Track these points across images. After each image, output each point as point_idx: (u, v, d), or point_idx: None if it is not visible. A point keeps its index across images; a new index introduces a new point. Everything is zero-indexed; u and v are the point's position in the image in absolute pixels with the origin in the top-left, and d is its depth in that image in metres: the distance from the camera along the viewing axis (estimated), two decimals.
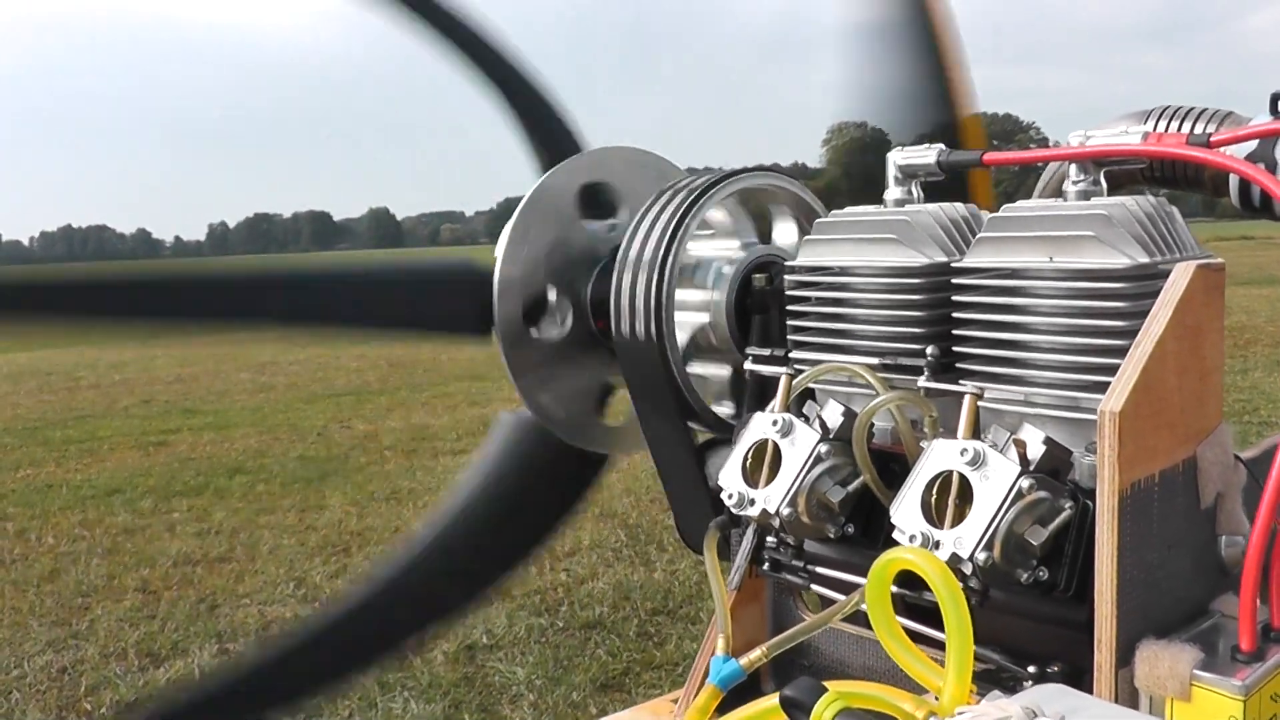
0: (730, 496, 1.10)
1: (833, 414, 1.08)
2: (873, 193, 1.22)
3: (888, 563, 0.79)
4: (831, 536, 1.09)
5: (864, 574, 0.93)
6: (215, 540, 5.74)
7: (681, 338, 1.33)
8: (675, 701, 1.28)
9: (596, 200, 1.45)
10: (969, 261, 1.04)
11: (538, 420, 1.43)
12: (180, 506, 6.52)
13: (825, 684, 0.72)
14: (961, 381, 1.00)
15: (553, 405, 1.44)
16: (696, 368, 1.37)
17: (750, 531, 1.17)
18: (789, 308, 1.20)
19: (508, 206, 1.49)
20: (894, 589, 0.83)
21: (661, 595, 4.52)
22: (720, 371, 1.38)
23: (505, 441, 1.51)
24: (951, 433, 0.97)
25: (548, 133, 1.55)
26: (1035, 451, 0.94)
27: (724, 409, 1.35)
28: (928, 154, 1.17)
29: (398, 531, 5.72)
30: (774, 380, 1.15)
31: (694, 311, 1.35)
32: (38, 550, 5.74)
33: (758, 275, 1.30)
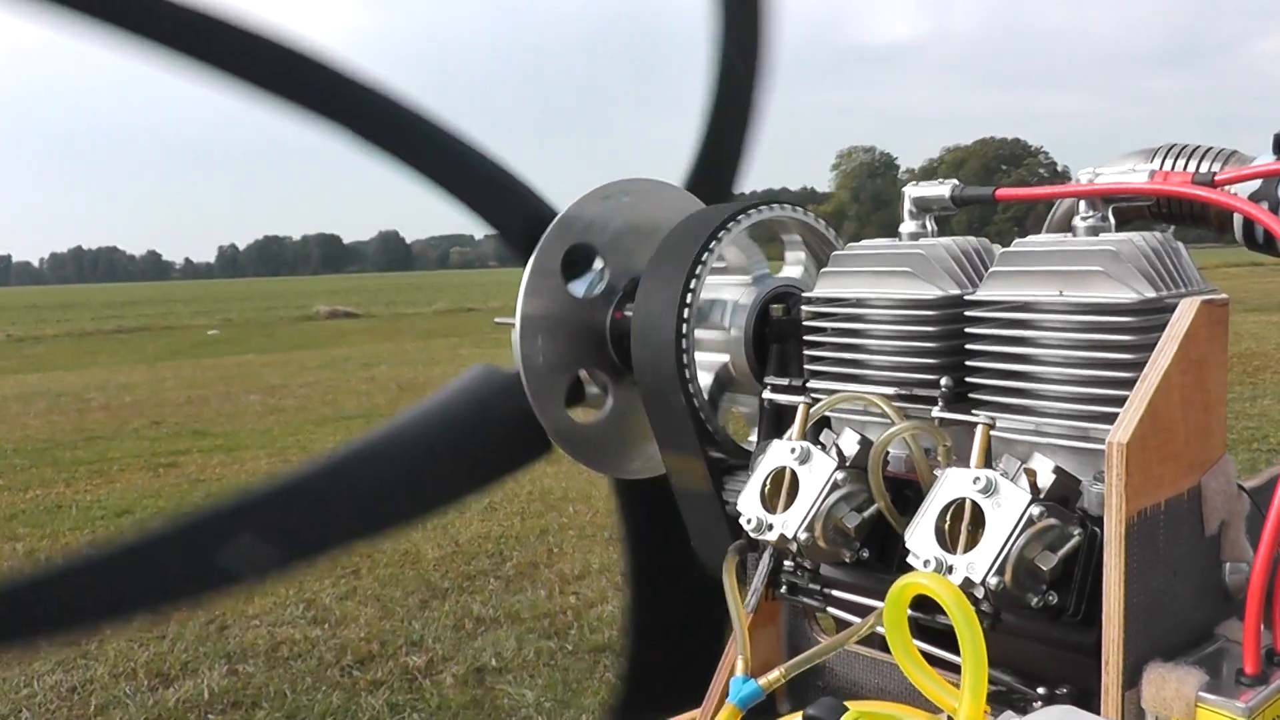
0: (749, 521, 1.12)
1: (849, 442, 1.11)
2: (881, 216, 1.25)
3: (904, 587, 0.82)
4: (847, 561, 1.11)
5: (878, 597, 0.96)
6: None
7: (705, 377, 1.36)
8: None
9: (576, 257, 1.46)
10: (981, 294, 1.07)
11: (507, 379, 1.43)
12: None
13: (846, 704, 0.75)
14: (974, 412, 1.03)
15: (643, 463, 1.49)
16: (728, 401, 1.40)
17: (767, 556, 1.20)
18: (806, 338, 1.23)
19: (503, 245, 1.50)
20: (909, 612, 0.86)
21: None
22: (749, 401, 1.41)
23: (467, 386, 1.48)
24: (964, 461, 0.99)
25: (510, 214, 1.48)
26: (1045, 480, 0.97)
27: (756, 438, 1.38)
28: (942, 188, 1.20)
29: (407, 553, 5.74)
30: (790, 409, 1.18)
31: (714, 353, 1.38)
32: None
33: (775, 305, 1.34)
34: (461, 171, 1.45)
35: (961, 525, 0.96)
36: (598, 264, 1.46)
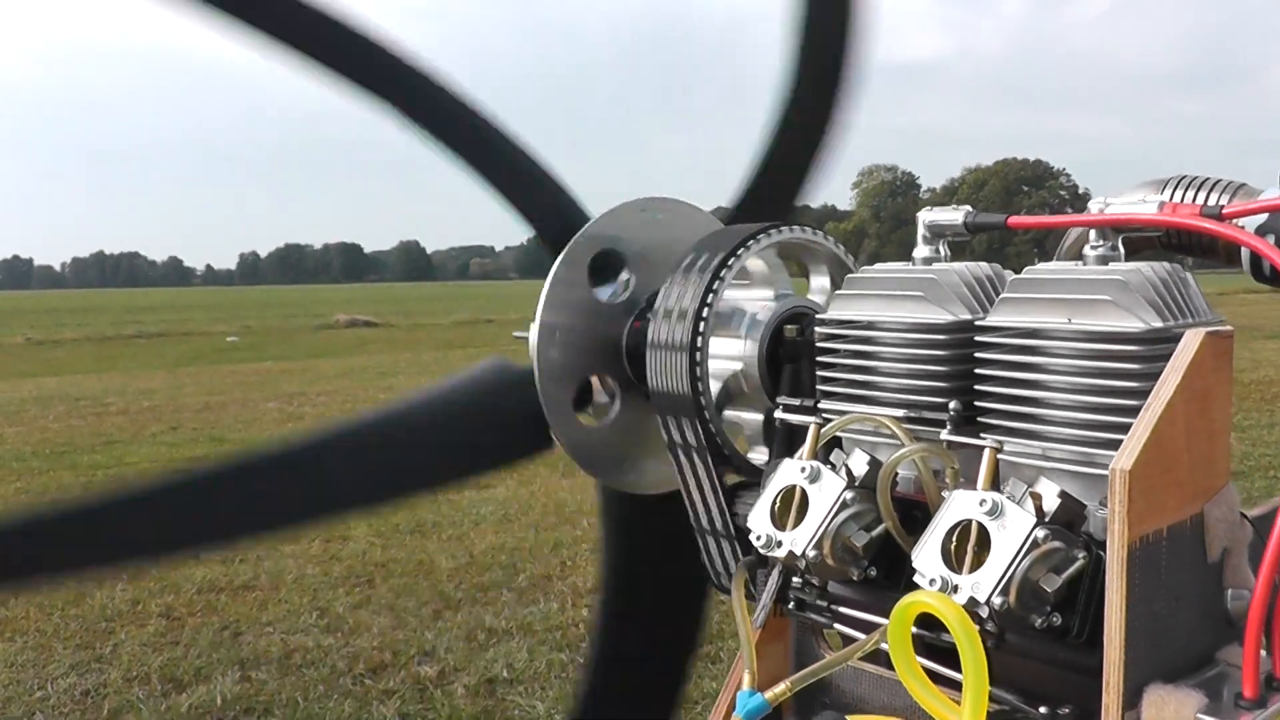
0: (759, 538, 1.14)
1: (858, 462, 1.13)
2: (902, 234, 1.26)
3: (908, 605, 0.84)
4: (854, 579, 1.13)
5: (885, 614, 0.97)
6: (239, 568, 5.80)
7: (714, 385, 1.38)
8: None
9: (604, 263, 1.48)
10: (992, 320, 1.09)
11: (520, 374, 1.43)
12: None
13: (848, 718, 0.77)
14: (982, 435, 1.05)
15: (637, 477, 1.49)
16: (730, 414, 1.42)
17: (776, 572, 1.22)
18: (819, 359, 1.25)
19: (536, 242, 1.52)
20: (914, 630, 0.87)
21: None
22: (753, 417, 1.43)
23: (480, 375, 1.49)
24: (972, 483, 1.01)
25: (546, 212, 1.51)
26: (1051, 504, 0.99)
27: (758, 455, 1.39)
28: (955, 214, 1.22)
29: (421, 564, 5.77)
30: (802, 428, 1.20)
31: (727, 360, 1.40)
32: None
33: (789, 326, 1.36)
34: (503, 163, 1.48)
35: (968, 546, 0.97)
36: (624, 275, 1.48)
